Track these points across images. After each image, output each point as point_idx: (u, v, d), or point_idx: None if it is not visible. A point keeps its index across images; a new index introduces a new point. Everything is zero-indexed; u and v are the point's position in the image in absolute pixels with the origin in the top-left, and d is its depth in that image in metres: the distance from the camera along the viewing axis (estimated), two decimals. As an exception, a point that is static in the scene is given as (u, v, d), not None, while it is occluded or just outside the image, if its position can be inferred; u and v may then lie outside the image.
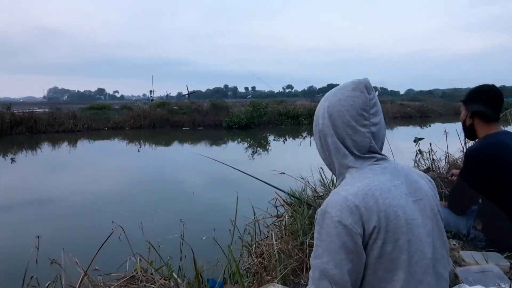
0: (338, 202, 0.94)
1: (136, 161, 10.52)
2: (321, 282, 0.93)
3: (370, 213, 0.92)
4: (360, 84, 1.04)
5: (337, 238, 0.92)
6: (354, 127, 1.02)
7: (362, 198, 0.93)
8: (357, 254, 0.93)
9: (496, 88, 2.07)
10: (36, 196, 6.32)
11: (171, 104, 21.50)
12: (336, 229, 0.92)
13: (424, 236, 0.97)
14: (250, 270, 2.33)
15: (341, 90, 1.06)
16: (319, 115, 1.09)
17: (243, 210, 2.72)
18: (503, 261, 1.86)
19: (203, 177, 7.89)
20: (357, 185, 0.96)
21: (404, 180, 1.01)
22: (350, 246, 0.92)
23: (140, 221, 4.17)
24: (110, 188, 6.97)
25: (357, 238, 0.92)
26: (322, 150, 1.10)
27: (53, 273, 2.03)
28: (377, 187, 0.95)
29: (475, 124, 2.08)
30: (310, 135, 16.11)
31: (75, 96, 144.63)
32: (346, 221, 0.91)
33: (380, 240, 0.92)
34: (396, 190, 0.97)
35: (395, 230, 0.92)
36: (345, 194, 0.95)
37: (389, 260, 0.93)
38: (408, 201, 0.97)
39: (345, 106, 1.02)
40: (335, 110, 1.04)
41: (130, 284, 2.00)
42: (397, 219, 0.93)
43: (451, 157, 3.77)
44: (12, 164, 9.79)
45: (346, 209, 0.92)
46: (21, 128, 15.59)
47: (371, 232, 0.92)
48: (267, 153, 11.43)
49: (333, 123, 1.04)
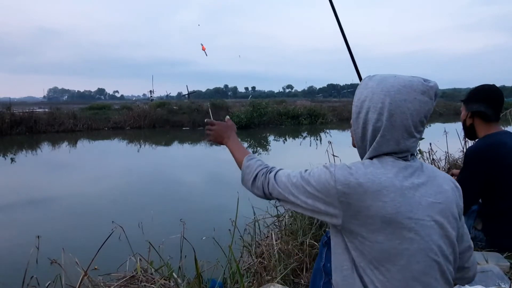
0: (345, 171, 0.96)
1: (136, 161, 10.52)
2: (289, 183, 1.07)
3: (365, 197, 0.92)
4: (432, 90, 0.97)
5: (322, 182, 0.98)
6: (411, 133, 0.97)
7: (367, 181, 0.93)
8: (325, 206, 0.98)
9: (496, 88, 2.07)
10: (36, 196, 6.31)
11: (171, 104, 21.51)
12: (326, 180, 0.97)
13: (431, 238, 0.94)
14: (250, 270, 2.33)
15: (407, 89, 0.96)
16: (371, 107, 0.99)
17: (243, 210, 2.72)
18: (503, 261, 1.86)
19: (203, 177, 7.89)
20: (370, 169, 0.96)
21: (425, 180, 0.98)
22: (324, 197, 0.98)
23: (140, 221, 4.18)
24: (110, 188, 6.97)
25: (334, 201, 0.96)
26: (362, 141, 1.05)
27: (53, 273, 2.03)
28: (388, 179, 0.94)
29: (475, 124, 2.08)
30: (310, 135, 16.12)
31: (75, 96, 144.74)
32: (337, 185, 0.95)
33: (371, 226, 0.93)
34: (412, 188, 0.95)
35: (391, 223, 0.92)
36: (355, 169, 0.96)
37: (379, 249, 0.93)
38: (422, 201, 0.95)
39: (410, 110, 0.95)
40: (398, 111, 0.95)
41: (130, 284, 2.00)
42: (399, 214, 0.92)
43: (451, 157, 3.78)
44: (12, 164, 9.79)
45: (346, 179, 0.94)
46: (21, 128, 15.58)
47: (357, 213, 0.94)
48: (267, 153, 11.43)
49: (392, 124, 0.96)
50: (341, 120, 22.84)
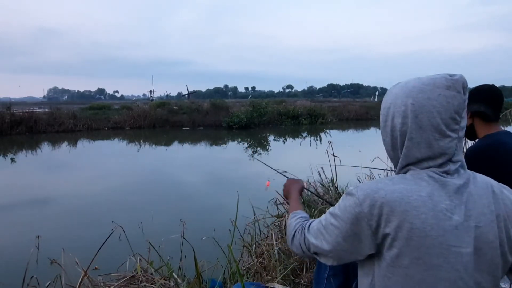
0: (369, 189, 0.90)
1: (136, 161, 10.52)
2: (320, 230, 1.01)
3: (392, 217, 0.85)
4: (457, 83, 0.90)
5: (347, 216, 0.92)
6: (443, 132, 0.89)
7: (395, 200, 0.86)
8: (358, 240, 0.92)
9: (496, 87, 2.08)
10: (36, 196, 6.31)
11: (171, 104, 21.52)
12: (351, 208, 0.92)
13: (464, 267, 0.85)
14: (250, 270, 2.32)
15: (430, 87, 0.90)
16: (395, 112, 0.93)
17: (243, 210, 2.73)
18: (503, 261, 1.86)
19: (203, 177, 7.89)
20: (400, 186, 0.88)
21: (465, 200, 0.88)
22: (355, 230, 0.91)
23: (140, 221, 4.18)
24: (110, 188, 6.97)
25: (365, 228, 0.89)
26: (393, 149, 0.97)
27: (53, 273, 2.03)
28: (420, 199, 0.86)
29: (475, 124, 2.08)
30: (310, 135, 16.12)
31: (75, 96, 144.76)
32: (363, 208, 0.89)
33: (395, 250, 0.86)
34: (447, 209, 0.86)
35: (419, 248, 0.84)
36: (382, 186, 0.89)
37: (402, 274, 0.87)
38: (456, 224, 0.85)
39: (437, 107, 0.88)
40: (423, 111, 0.89)
41: (130, 284, 2.00)
42: (428, 238, 0.84)
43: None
44: (12, 164, 9.79)
45: (371, 199, 0.88)
46: (21, 128, 15.58)
47: (385, 236, 0.87)
48: (267, 153, 11.42)
49: (418, 125, 0.90)
50: (341, 120, 22.85)
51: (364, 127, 20.20)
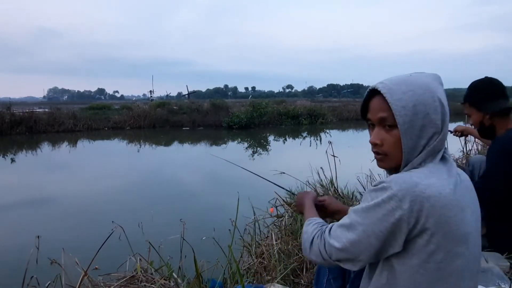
0: (406, 183, 0.85)
1: (136, 161, 10.52)
2: (344, 233, 0.94)
3: (432, 213, 0.84)
4: (440, 79, 0.98)
5: (382, 213, 0.86)
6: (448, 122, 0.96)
7: (433, 195, 0.84)
8: (392, 239, 0.87)
9: (495, 79, 2.05)
10: (36, 196, 6.31)
11: (171, 104, 21.51)
12: (388, 205, 0.86)
13: (474, 250, 0.92)
14: (250, 270, 2.32)
15: (436, 82, 0.95)
16: (429, 108, 0.91)
17: (243, 210, 2.73)
18: (503, 261, 1.86)
19: (203, 177, 7.89)
20: (433, 180, 0.87)
21: (466, 187, 0.95)
22: (390, 229, 0.86)
23: (140, 221, 4.17)
24: (110, 188, 6.97)
25: (403, 227, 0.85)
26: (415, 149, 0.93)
27: (53, 273, 2.03)
28: (450, 192, 0.87)
29: (496, 123, 2.03)
30: (310, 135, 16.11)
31: (75, 96, 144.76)
32: (404, 205, 0.84)
33: (433, 245, 0.85)
34: (464, 200, 0.91)
35: (452, 240, 0.86)
36: (418, 181, 0.86)
37: (435, 269, 0.87)
38: (469, 212, 0.91)
39: (446, 100, 0.95)
40: (445, 104, 0.94)
41: (130, 284, 2.00)
42: (459, 230, 0.87)
43: (451, 157, 3.77)
44: (12, 164, 9.79)
45: (411, 194, 0.84)
46: (21, 128, 15.55)
47: (423, 231, 0.85)
48: (267, 153, 11.42)
49: (447, 117, 0.95)
50: (341, 120, 22.83)
51: (364, 127, 20.08)
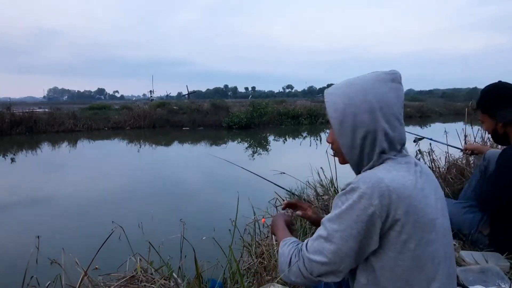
0: (372, 181, 0.90)
1: (136, 161, 10.52)
2: (322, 244, 0.94)
3: (400, 204, 0.88)
4: (397, 76, 0.99)
5: (356, 214, 0.89)
6: (400, 120, 0.97)
7: (398, 187, 0.89)
8: (369, 237, 0.90)
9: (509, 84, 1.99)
10: (36, 196, 6.31)
11: (171, 104, 21.49)
12: (360, 204, 0.89)
13: (443, 236, 0.96)
14: (250, 270, 2.32)
15: (380, 82, 0.97)
16: (357, 110, 0.96)
17: (243, 210, 2.73)
18: (503, 261, 1.87)
19: (203, 177, 7.89)
20: (394, 174, 0.92)
21: (427, 177, 0.99)
22: (366, 226, 0.89)
23: (140, 221, 4.17)
24: (110, 188, 6.97)
25: (376, 222, 0.88)
26: (353, 148, 0.99)
27: (53, 273, 2.02)
28: (412, 182, 0.92)
29: (509, 131, 1.99)
30: (310, 135, 16.11)
31: (75, 96, 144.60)
32: (374, 201, 0.88)
33: (405, 235, 0.89)
34: (426, 188, 0.95)
35: (421, 227, 0.90)
36: (382, 176, 0.91)
37: (411, 258, 0.90)
38: (433, 200, 0.96)
39: (393, 99, 0.96)
40: (385, 104, 0.95)
41: (130, 284, 2.00)
42: (425, 217, 0.91)
43: (451, 157, 3.77)
44: (12, 164, 9.79)
45: (378, 190, 0.88)
46: (21, 128, 15.55)
47: (394, 223, 0.89)
48: (267, 153, 11.42)
49: (383, 117, 0.95)
50: (341, 120, 22.79)
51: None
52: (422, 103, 29.61)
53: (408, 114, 25.37)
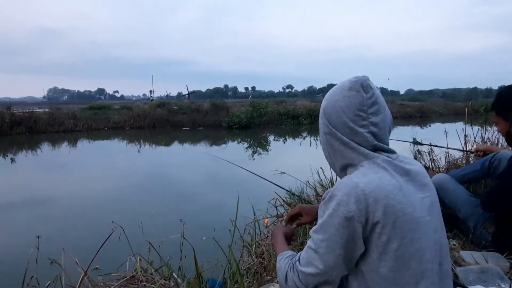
0: (348, 187, 0.92)
1: (136, 161, 10.52)
2: (311, 256, 0.97)
3: (377, 206, 0.90)
4: (356, 83, 1.01)
5: (337, 221, 0.91)
6: (352, 128, 0.99)
7: (374, 189, 0.91)
8: (353, 242, 0.92)
9: None
10: (36, 196, 6.31)
11: (171, 104, 21.50)
12: (338, 211, 0.91)
13: (431, 234, 0.96)
14: (250, 270, 2.32)
15: (339, 90, 1.03)
16: (320, 115, 1.08)
17: (243, 210, 2.73)
18: (503, 261, 1.87)
19: (203, 177, 7.89)
20: (371, 176, 0.94)
21: (413, 176, 1.00)
22: (348, 232, 0.91)
23: (140, 221, 4.17)
24: (110, 188, 6.97)
25: (357, 227, 0.90)
26: (325, 149, 1.08)
27: (53, 273, 2.03)
28: (389, 182, 0.93)
29: None
30: (310, 135, 16.11)
31: (75, 96, 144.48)
32: (351, 207, 0.90)
33: (385, 236, 0.90)
34: (407, 187, 0.96)
35: (402, 227, 0.91)
36: (357, 181, 0.93)
37: (394, 258, 0.91)
38: (417, 198, 0.96)
39: (342, 107, 1.00)
40: (333, 112, 1.02)
41: (130, 284, 2.00)
42: (406, 216, 0.91)
43: (451, 157, 3.77)
44: (12, 164, 9.79)
45: (354, 195, 0.91)
46: (21, 128, 15.57)
47: (374, 225, 0.90)
48: (267, 153, 11.43)
49: (332, 124, 1.02)
50: (341, 120, 22.80)
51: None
52: (422, 103, 29.62)
53: (408, 114, 25.40)
